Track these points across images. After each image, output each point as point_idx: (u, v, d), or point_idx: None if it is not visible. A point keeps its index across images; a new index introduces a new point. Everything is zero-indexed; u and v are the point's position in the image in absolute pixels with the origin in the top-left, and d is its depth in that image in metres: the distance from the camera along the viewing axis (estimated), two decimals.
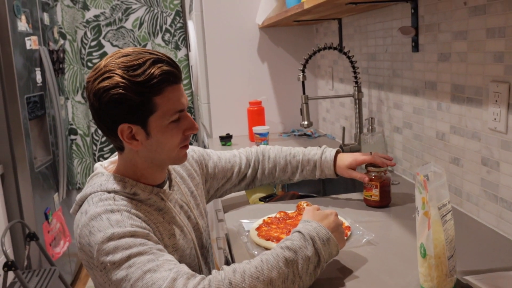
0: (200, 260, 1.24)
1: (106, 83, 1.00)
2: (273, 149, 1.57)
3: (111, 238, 0.95)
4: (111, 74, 1.00)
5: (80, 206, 1.07)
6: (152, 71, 1.01)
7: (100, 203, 1.02)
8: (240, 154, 1.55)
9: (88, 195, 1.07)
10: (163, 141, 1.07)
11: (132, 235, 0.97)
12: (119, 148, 1.11)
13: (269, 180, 1.56)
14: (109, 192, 1.06)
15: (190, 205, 1.25)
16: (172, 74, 1.04)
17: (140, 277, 0.91)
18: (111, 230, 0.96)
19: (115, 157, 1.20)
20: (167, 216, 1.14)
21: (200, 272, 1.23)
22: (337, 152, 1.55)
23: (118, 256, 0.94)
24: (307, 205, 1.28)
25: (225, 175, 1.49)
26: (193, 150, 1.42)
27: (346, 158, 1.52)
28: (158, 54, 1.05)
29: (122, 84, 1.00)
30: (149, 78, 1.01)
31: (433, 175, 0.93)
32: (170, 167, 1.25)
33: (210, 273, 1.13)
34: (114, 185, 1.07)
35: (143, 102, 1.02)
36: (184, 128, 1.10)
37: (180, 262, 1.10)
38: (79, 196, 1.09)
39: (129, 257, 0.93)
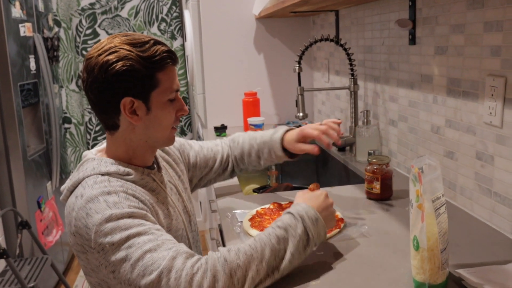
0: (191, 242, 1.26)
1: (113, 56, 1.03)
2: (242, 135, 1.55)
3: (109, 219, 0.95)
4: (118, 49, 1.04)
5: (72, 192, 1.07)
6: (157, 48, 1.07)
7: (95, 186, 1.02)
8: (222, 143, 1.54)
9: (81, 179, 1.06)
10: (161, 118, 1.11)
11: (130, 216, 0.97)
12: (113, 127, 1.11)
13: (244, 166, 1.52)
14: (102, 174, 1.06)
15: (178, 188, 1.27)
16: (173, 54, 1.10)
17: (140, 257, 0.92)
18: (109, 211, 0.97)
19: (102, 145, 1.20)
20: (160, 197, 1.16)
21: None
22: (287, 131, 1.47)
23: (117, 237, 0.94)
24: (317, 188, 1.23)
25: (207, 164, 1.48)
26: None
27: (292, 133, 1.44)
28: (156, 38, 1.11)
29: (131, 57, 1.04)
30: (155, 54, 1.06)
31: (428, 168, 0.93)
32: (156, 153, 1.26)
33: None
34: (107, 168, 1.07)
35: (148, 76, 1.06)
36: (177, 109, 1.14)
37: None
38: (70, 182, 1.08)
39: (128, 238, 0.94)
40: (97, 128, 3.63)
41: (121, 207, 0.98)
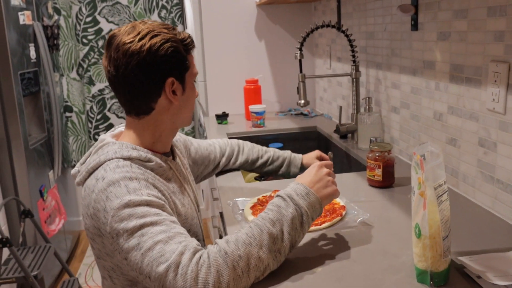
0: (202, 230, 1.29)
1: (158, 38, 1.06)
2: (246, 143, 1.71)
3: (127, 205, 0.96)
4: (157, 33, 1.07)
5: (91, 174, 1.07)
6: (182, 32, 1.13)
7: (117, 170, 1.03)
8: (214, 143, 1.64)
9: (102, 162, 1.06)
10: (191, 98, 1.17)
11: (148, 204, 0.98)
12: (145, 112, 1.11)
13: (237, 168, 1.70)
14: (124, 159, 1.06)
15: (189, 177, 1.30)
16: (192, 39, 1.16)
17: (151, 247, 0.92)
18: (128, 197, 0.97)
19: (115, 131, 1.21)
20: (176, 186, 1.17)
21: (203, 241, 1.29)
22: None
23: (131, 224, 0.95)
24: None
25: (203, 161, 1.56)
26: (178, 134, 1.44)
27: (309, 154, 1.71)
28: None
29: (174, 39, 1.08)
30: (185, 38, 1.12)
31: (430, 155, 0.92)
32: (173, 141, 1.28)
33: (205, 244, 1.18)
34: (129, 152, 1.08)
35: (184, 58, 1.12)
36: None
37: (190, 231, 1.16)
38: (91, 165, 1.07)
39: (142, 226, 0.94)
40: (98, 117, 3.63)
41: (140, 194, 0.99)
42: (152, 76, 1.08)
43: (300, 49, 2.00)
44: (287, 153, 1.71)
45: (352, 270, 1.01)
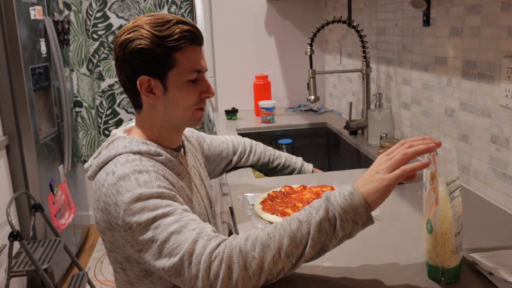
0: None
1: (132, 35, 1.07)
2: (259, 145, 1.71)
3: (138, 199, 0.96)
4: (138, 28, 1.07)
5: (101, 168, 1.08)
6: (175, 28, 1.07)
7: (127, 164, 1.03)
8: (227, 140, 1.63)
9: (113, 156, 1.07)
10: (179, 98, 1.11)
11: (159, 196, 0.98)
12: (137, 105, 1.14)
13: (247, 166, 1.70)
14: (134, 153, 1.07)
15: (201, 173, 1.29)
16: (193, 34, 1.10)
17: (166, 239, 0.92)
18: (139, 190, 0.97)
19: (128, 125, 1.23)
20: (185, 181, 1.17)
21: None
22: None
23: (144, 217, 0.95)
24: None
25: (216, 159, 1.56)
26: (191, 131, 1.44)
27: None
28: (184, 18, 1.12)
29: (146, 36, 1.05)
30: (172, 34, 1.07)
31: (443, 150, 0.91)
32: (183, 136, 1.27)
33: None
34: (138, 147, 1.09)
35: (163, 56, 1.07)
36: (200, 90, 1.13)
37: None
38: (101, 159, 1.09)
39: (155, 219, 0.95)
40: (108, 112, 3.64)
41: (150, 186, 0.99)
42: (124, 73, 1.10)
43: (311, 45, 1.99)
44: (298, 163, 1.71)
45: (362, 266, 1.01)
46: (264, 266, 0.89)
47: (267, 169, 1.69)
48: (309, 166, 1.71)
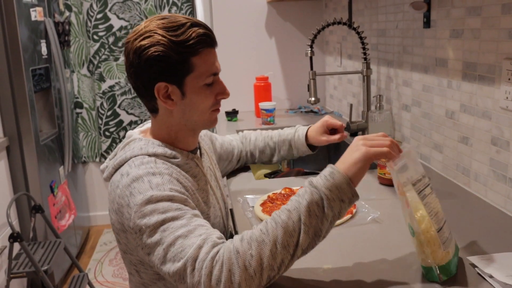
0: (226, 230, 1.27)
1: (146, 41, 1.04)
2: (253, 133, 1.66)
3: (149, 201, 0.96)
4: (152, 34, 1.04)
5: (117, 170, 1.08)
6: (191, 32, 1.05)
7: (142, 166, 1.03)
8: (234, 139, 1.62)
9: (128, 158, 1.07)
10: (197, 102, 1.10)
11: (170, 199, 0.98)
12: (153, 110, 1.13)
13: (250, 161, 1.66)
14: (149, 155, 1.07)
15: (217, 175, 1.29)
16: (209, 37, 1.08)
17: (172, 243, 0.92)
18: (150, 192, 0.97)
19: (144, 127, 1.22)
20: (201, 183, 1.16)
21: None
22: (309, 128, 1.60)
23: (153, 219, 0.94)
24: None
25: (228, 157, 1.56)
26: (205, 131, 1.44)
27: (315, 126, 1.57)
28: (194, 19, 1.09)
29: (162, 42, 1.03)
30: (188, 38, 1.04)
31: (400, 157, 0.95)
32: (199, 137, 1.27)
33: None
34: (154, 149, 1.08)
35: (181, 61, 1.05)
36: (216, 92, 1.13)
37: None
38: (116, 161, 1.09)
39: (163, 221, 0.94)
40: (109, 113, 3.64)
41: (162, 189, 0.99)
42: (141, 79, 1.08)
43: (311, 46, 1.99)
44: (290, 133, 1.59)
45: (362, 268, 1.01)
46: (264, 262, 0.88)
47: (267, 154, 1.61)
48: (302, 131, 1.58)
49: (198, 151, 1.24)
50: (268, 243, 0.89)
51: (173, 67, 1.05)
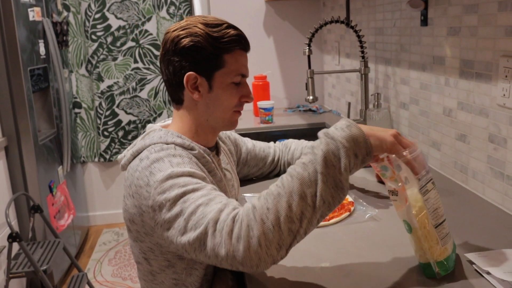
0: None
1: (185, 31, 1.10)
2: (295, 142, 1.60)
3: (170, 177, 0.98)
4: (191, 26, 1.11)
5: (135, 157, 1.09)
6: (228, 31, 1.11)
7: (162, 151, 1.05)
8: (274, 146, 1.59)
9: (147, 145, 1.09)
10: (222, 98, 1.13)
11: (190, 174, 1.00)
12: (178, 101, 1.16)
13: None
14: (168, 144, 1.09)
15: (232, 176, 1.30)
16: (244, 40, 1.14)
17: (193, 211, 0.93)
18: (171, 169, 0.99)
19: (165, 122, 1.24)
20: (215, 179, 1.17)
21: None
22: None
23: (173, 193, 0.96)
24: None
25: (257, 163, 1.53)
26: (230, 133, 1.45)
27: None
28: (232, 24, 1.16)
29: (200, 34, 1.09)
30: (224, 36, 1.10)
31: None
32: (218, 139, 1.28)
33: None
34: (173, 139, 1.10)
35: (214, 55, 1.10)
36: (241, 94, 1.16)
37: None
38: (136, 148, 1.10)
39: (184, 193, 0.95)
40: (107, 113, 3.64)
41: (183, 167, 1.01)
42: (172, 66, 1.12)
43: (309, 45, 1.99)
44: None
45: (360, 266, 1.01)
46: (281, 214, 0.87)
47: None
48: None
49: (215, 150, 1.25)
50: (284, 195, 0.88)
51: (205, 59, 1.10)
